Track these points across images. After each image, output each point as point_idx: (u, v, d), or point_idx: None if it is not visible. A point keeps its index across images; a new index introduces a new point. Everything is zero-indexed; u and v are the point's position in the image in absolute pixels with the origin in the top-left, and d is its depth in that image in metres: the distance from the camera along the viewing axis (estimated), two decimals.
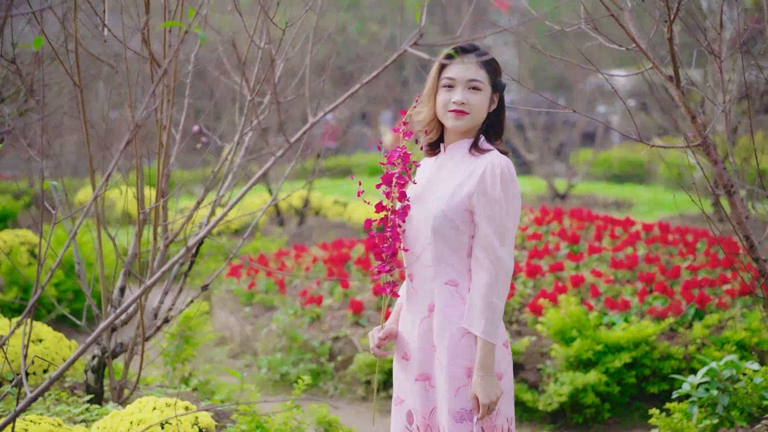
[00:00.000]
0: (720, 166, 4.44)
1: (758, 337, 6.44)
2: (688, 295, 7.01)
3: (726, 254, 5.13)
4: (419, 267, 3.54)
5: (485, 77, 3.49)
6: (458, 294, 3.44)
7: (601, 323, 6.66)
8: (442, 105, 3.52)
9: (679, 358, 6.39)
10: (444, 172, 3.55)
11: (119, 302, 5.13)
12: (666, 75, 4.37)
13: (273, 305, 8.16)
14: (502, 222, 3.37)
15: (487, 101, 3.50)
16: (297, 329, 7.33)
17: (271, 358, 7.17)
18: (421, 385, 3.50)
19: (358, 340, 7.16)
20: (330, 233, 12.34)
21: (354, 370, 6.93)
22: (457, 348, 3.41)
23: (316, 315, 7.56)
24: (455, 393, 3.40)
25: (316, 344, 7.18)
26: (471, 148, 3.51)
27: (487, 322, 3.34)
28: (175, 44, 4.75)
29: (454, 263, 3.44)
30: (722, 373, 5.26)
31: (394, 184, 3.56)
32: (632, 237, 8.60)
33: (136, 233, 5.10)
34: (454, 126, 3.51)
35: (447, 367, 3.41)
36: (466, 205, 3.41)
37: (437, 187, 3.52)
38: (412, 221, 3.55)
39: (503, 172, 3.38)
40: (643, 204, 15.42)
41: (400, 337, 3.63)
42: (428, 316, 3.49)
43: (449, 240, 3.43)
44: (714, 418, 5.17)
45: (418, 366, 3.51)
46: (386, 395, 6.81)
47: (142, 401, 4.08)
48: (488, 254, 3.36)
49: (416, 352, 3.52)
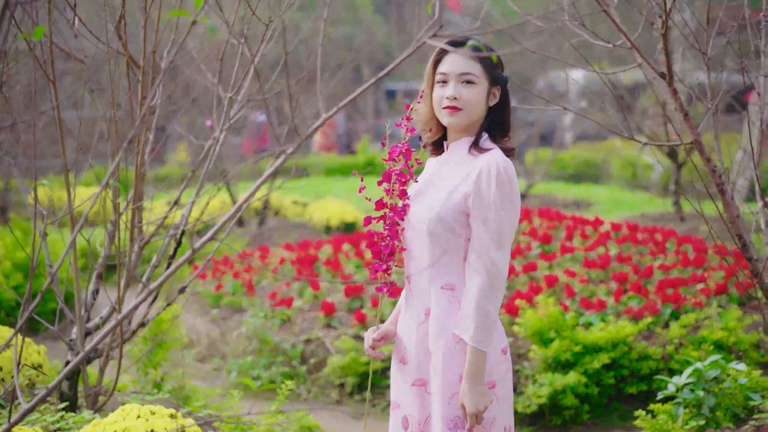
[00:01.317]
0: (712, 164, 4.38)
1: (735, 337, 6.42)
2: (663, 294, 6.98)
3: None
4: (416, 269, 3.42)
5: (479, 70, 3.34)
6: (455, 299, 3.33)
7: (578, 324, 6.60)
8: (437, 102, 3.40)
9: (657, 359, 6.34)
10: (445, 171, 3.43)
11: (92, 305, 4.97)
12: (658, 71, 4.29)
13: (241, 307, 8.00)
14: (497, 225, 3.23)
15: (483, 95, 3.36)
16: (267, 332, 7.17)
17: (242, 362, 7.01)
18: (417, 390, 3.39)
19: (330, 342, 7.03)
20: (291, 234, 12.20)
21: (327, 373, 6.79)
22: (452, 354, 3.29)
23: (287, 317, 7.42)
24: (449, 400, 3.29)
25: (288, 347, 7.04)
26: (471, 147, 3.39)
27: (477, 329, 3.22)
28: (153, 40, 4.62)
29: (450, 267, 3.33)
30: (707, 374, 5.21)
31: (393, 181, 3.44)
32: (603, 237, 8.57)
33: (109, 234, 4.93)
34: (449, 123, 3.38)
35: (441, 373, 3.30)
36: (461, 207, 3.28)
37: (436, 187, 3.41)
38: (410, 221, 3.43)
39: (499, 172, 3.23)
40: (602, 203, 15.45)
41: (398, 340, 3.52)
42: (425, 320, 3.38)
43: (445, 243, 3.31)
44: (700, 419, 5.12)
45: (415, 371, 3.40)
46: (360, 398, 6.69)
47: (125, 409, 3.91)
48: (482, 259, 3.23)
49: (413, 357, 3.41)
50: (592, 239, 8.55)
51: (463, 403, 3.25)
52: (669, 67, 4.23)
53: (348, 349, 6.74)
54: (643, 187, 17.80)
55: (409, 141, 3.48)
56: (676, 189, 12.99)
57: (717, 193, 4.39)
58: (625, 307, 6.80)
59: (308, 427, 5.06)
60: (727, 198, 4.38)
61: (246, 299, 7.99)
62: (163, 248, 5.13)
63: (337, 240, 9.44)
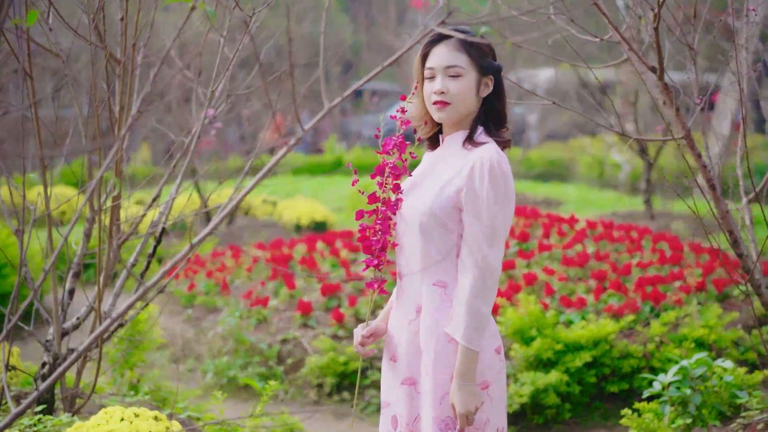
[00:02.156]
0: (702, 160, 4.33)
1: (716, 334, 6.39)
2: (643, 292, 6.95)
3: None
4: (408, 265, 3.34)
5: (465, 61, 3.24)
6: (447, 296, 3.24)
7: (558, 322, 6.54)
8: (427, 97, 3.31)
9: (638, 357, 6.29)
10: (439, 165, 3.35)
11: (68, 305, 4.84)
12: (649, 66, 4.24)
13: (216, 307, 7.87)
14: (490, 221, 3.15)
15: (471, 87, 3.26)
16: (243, 332, 7.05)
17: (218, 362, 6.88)
18: (407, 389, 3.30)
19: (308, 342, 6.93)
20: (261, 233, 12.06)
21: (305, 374, 6.69)
22: (444, 353, 3.21)
23: (263, 317, 7.30)
24: (440, 400, 3.21)
25: (264, 347, 6.92)
26: (465, 140, 3.31)
27: (468, 328, 3.13)
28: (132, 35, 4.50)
29: (442, 263, 3.24)
30: (693, 372, 5.17)
31: (387, 174, 3.35)
32: (579, 234, 8.54)
33: (85, 233, 4.81)
34: (439, 118, 3.30)
35: (432, 372, 3.21)
36: (454, 202, 3.20)
37: (429, 182, 3.33)
38: (402, 216, 3.34)
39: (492, 166, 3.15)
40: (571, 202, 15.45)
41: (388, 338, 3.43)
42: (416, 318, 3.30)
43: (437, 239, 3.23)
44: (687, 418, 5.07)
45: (405, 369, 3.31)
46: (339, 399, 6.60)
47: (108, 411, 3.80)
48: (474, 255, 3.15)
49: (403, 355, 3.32)
50: (569, 237, 8.51)
51: (453, 403, 3.18)
52: (660, 61, 4.18)
53: (326, 348, 6.64)
54: (611, 185, 17.84)
55: (404, 134, 3.40)
56: (647, 187, 13.01)
57: (707, 189, 4.33)
58: (605, 305, 6.76)
59: (291, 428, 4.96)
60: (717, 194, 4.34)
61: (220, 299, 7.87)
62: (141, 246, 5.01)
63: (311, 239, 9.34)
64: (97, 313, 4.41)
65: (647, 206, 12.95)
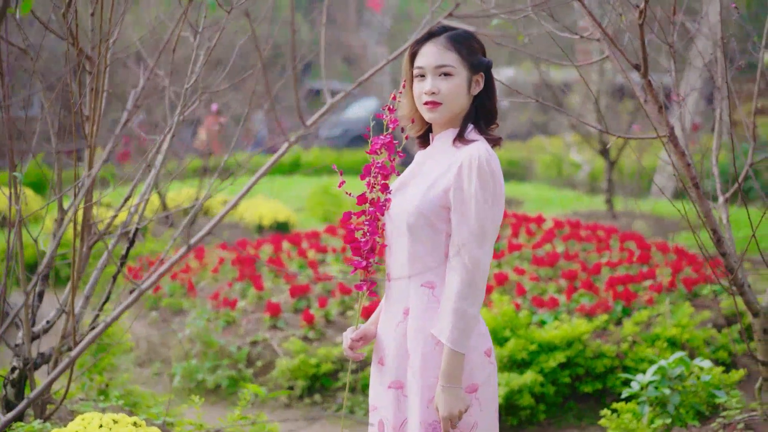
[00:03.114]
0: (686, 158, 4.30)
1: (689, 334, 6.39)
2: (614, 292, 6.93)
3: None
4: (396, 266, 3.27)
5: (456, 59, 3.18)
6: (435, 297, 3.18)
7: (531, 322, 6.51)
8: (417, 97, 3.25)
9: (612, 357, 6.27)
10: (428, 164, 3.28)
11: (37, 308, 4.72)
12: (633, 63, 4.20)
13: (182, 309, 7.74)
14: (479, 220, 3.08)
15: (463, 86, 3.21)
16: (212, 334, 6.93)
17: (186, 365, 6.75)
18: (393, 393, 3.23)
19: (277, 344, 6.83)
20: (224, 233, 11.92)
21: (275, 376, 6.58)
22: (431, 355, 3.15)
23: (231, 319, 7.18)
24: (427, 404, 3.15)
25: (234, 349, 6.81)
26: (455, 139, 3.24)
27: (454, 330, 3.07)
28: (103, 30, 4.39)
29: (430, 264, 3.18)
30: (671, 372, 5.15)
31: (374, 174, 3.28)
32: (548, 234, 8.52)
33: (54, 233, 4.69)
34: (430, 119, 3.24)
35: (419, 376, 3.15)
36: (442, 201, 3.14)
37: (417, 181, 3.26)
38: (391, 215, 3.27)
39: (481, 165, 3.09)
40: (531, 201, 15.44)
41: (377, 341, 3.36)
42: (403, 320, 3.23)
43: (425, 239, 3.16)
44: (666, 418, 5.05)
45: (392, 372, 3.24)
46: (311, 401, 6.51)
47: (85, 418, 3.68)
48: (462, 256, 3.08)
49: (391, 358, 3.25)
50: (537, 237, 8.48)
51: (437, 405, 3.11)
52: (645, 58, 4.14)
53: (297, 350, 6.55)
54: (570, 185, 17.89)
55: (392, 133, 3.32)
56: (609, 187, 13.05)
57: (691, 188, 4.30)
58: (578, 305, 6.74)
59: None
60: (701, 193, 4.31)
61: (186, 301, 7.74)
62: (111, 248, 4.89)
63: (276, 239, 9.23)
64: (72, 316, 4.28)
65: (609, 206, 12.99)
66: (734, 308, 7.05)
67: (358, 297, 3.37)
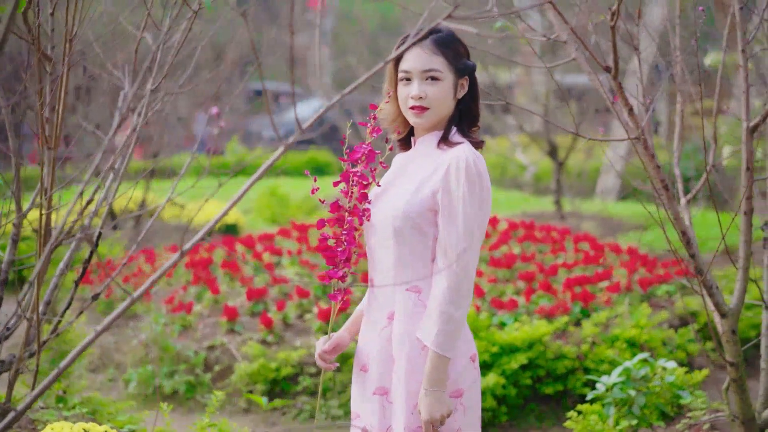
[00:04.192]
0: (656, 160, 4.30)
1: (648, 334, 6.43)
2: (572, 293, 6.96)
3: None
4: (380, 271, 3.22)
5: (443, 64, 3.15)
6: (420, 302, 3.13)
7: (491, 324, 6.50)
8: (402, 101, 3.20)
9: (572, 358, 6.29)
10: (411, 168, 3.24)
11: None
12: (603, 65, 4.20)
13: (136, 314, 7.61)
14: (466, 223, 3.05)
15: (450, 90, 3.18)
16: (168, 338, 6.82)
17: (141, 371, 6.63)
18: (378, 400, 3.18)
19: (236, 348, 6.74)
20: (172, 236, 11.76)
21: (234, 381, 6.49)
22: (416, 361, 3.10)
23: (187, 323, 7.07)
24: (412, 410, 3.10)
25: (191, 354, 6.70)
26: (440, 141, 3.21)
27: (440, 333, 3.03)
28: None
29: (417, 268, 3.13)
30: (636, 373, 5.17)
31: (353, 183, 3.21)
32: (504, 235, 8.52)
33: (12, 237, 4.57)
34: (416, 123, 3.20)
35: (405, 381, 3.10)
36: (429, 204, 3.09)
37: (401, 185, 3.21)
38: (372, 222, 3.21)
39: (468, 166, 3.05)
40: None
41: (359, 348, 3.31)
42: (388, 325, 3.18)
43: (412, 243, 3.11)
44: (631, 419, 5.07)
45: (376, 379, 3.19)
46: (271, 406, 6.42)
47: (54, 427, 3.59)
48: (450, 259, 3.04)
49: (375, 364, 3.20)
50: (494, 238, 8.49)
51: (419, 409, 3.07)
52: (615, 60, 4.14)
53: (256, 354, 6.46)
54: (515, 186, 17.96)
55: (371, 143, 3.27)
56: (557, 188, 13.13)
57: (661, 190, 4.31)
58: (537, 307, 6.75)
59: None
60: (671, 195, 4.31)
61: (141, 305, 7.61)
62: (71, 252, 4.79)
63: (229, 241, 9.13)
64: (37, 322, 4.17)
65: (557, 206, 13.06)
66: (685, 309, 7.14)
67: (332, 307, 3.30)
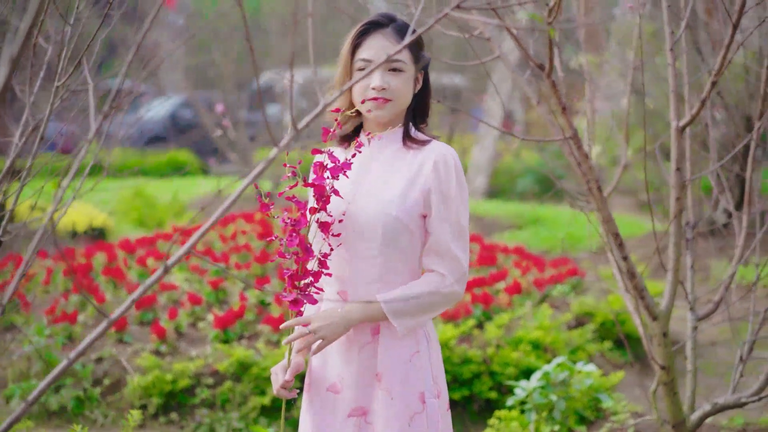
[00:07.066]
0: (589, 161, 4.22)
1: (552, 337, 6.40)
2: (472, 295, 6.87)
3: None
4: (358, 286, 2.94)
5: (406, 54, 2.97)
6: None
7: None
8: (359, 92, 2.99)
9: (478, 362, 6.18)
10: (376, 167, 3.01)
11: None
12: (537, 63, 4.09)
13: (13, 325, 7.12)
14: (458, 220, 2.91)
15: (411, 83, 3.00)
16: (52, 350, 6.39)
17: (25, 386, 6.19)
18: (354, 422, 2.93)
19: (126, 359, 6.37)
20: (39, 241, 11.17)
21: (127, 394, 6.13)
22: (409, 372, 2.91)
23: (72, 334, 6.66)
24: (409, 422, 2.89)
25: (78, 367, 6.30)
26: (405, 139, 3.02)
27: (403, 305, 2.84)
28: None
29: (404, 275, 2.94)
30: (556, 377, 5.11)
31: (320, 198, 2.88)
32: None
33: None
34: (375, 116, 2.99)
35: (399, 394, 2.89)
36: (420, 206, 2.91)
37: (372, 187, 2.96)
38: (350, 231, 2.93)
39: (457, 164, 2.93)
40: None
41: (319, 368, 3.03)
42: (372, 340, 2.94)
43: (403, 248, 2.91)
44: (553, 424, 5.00)
45: (352, 400, 2.94)
46: (166, 420, 6.10)
47: None
48: (443, 257, 2.89)
49: (352, 385, 2.94)
50: None
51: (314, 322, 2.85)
52: (551, 58, 4.03)
53: (150, 366, 6.12)
54: None
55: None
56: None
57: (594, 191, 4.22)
58: None
59: None
60: (603, 195, 4.24)
61: (18, 316, 7.13)
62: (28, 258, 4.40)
63: (105, 246, 8.70)
64: None
65: None
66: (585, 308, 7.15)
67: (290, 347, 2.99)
